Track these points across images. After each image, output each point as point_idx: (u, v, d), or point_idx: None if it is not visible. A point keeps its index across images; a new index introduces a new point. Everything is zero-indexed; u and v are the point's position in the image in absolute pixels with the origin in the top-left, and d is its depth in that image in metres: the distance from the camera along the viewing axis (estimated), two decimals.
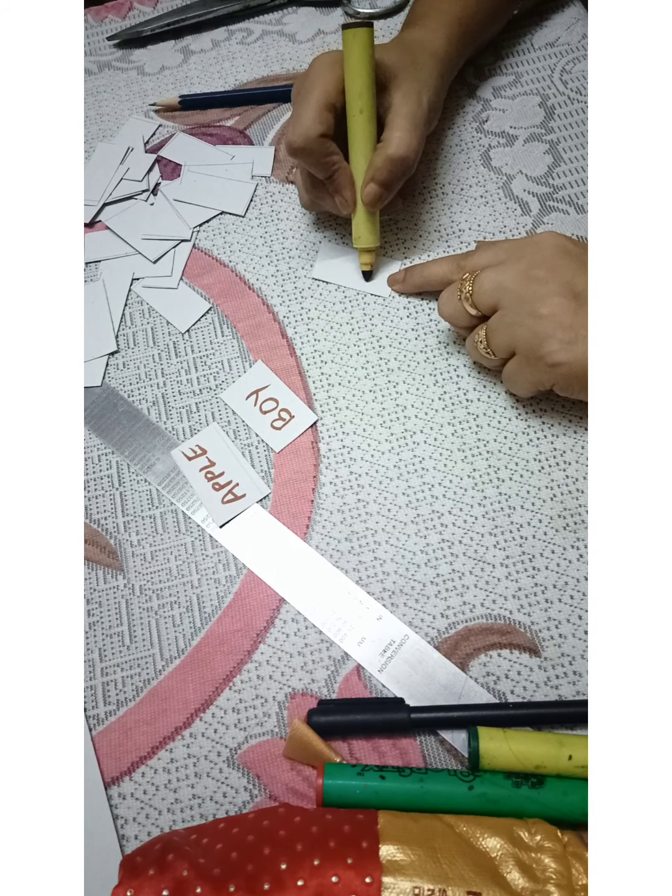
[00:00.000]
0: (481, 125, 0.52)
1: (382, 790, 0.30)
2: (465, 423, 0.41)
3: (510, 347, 0.37)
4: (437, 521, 0.38)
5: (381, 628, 0.36)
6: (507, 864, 0.27)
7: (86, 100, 0.57)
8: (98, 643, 0.37)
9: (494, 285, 0.37)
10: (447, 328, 0.44)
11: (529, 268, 0.36)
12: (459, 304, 0.39)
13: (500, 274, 0.37)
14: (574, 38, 0.55)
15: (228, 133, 0.54)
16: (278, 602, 0.37)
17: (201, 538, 0.39)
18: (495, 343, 0.38)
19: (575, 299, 0.35)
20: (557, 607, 0.36)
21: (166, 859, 0.28)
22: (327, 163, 0.41)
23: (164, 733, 0.34)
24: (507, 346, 0.37)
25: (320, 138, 0.40)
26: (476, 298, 0.38)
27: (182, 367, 0.44)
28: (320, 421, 0.42)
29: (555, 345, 0.35)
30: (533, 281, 0.36)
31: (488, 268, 0.38)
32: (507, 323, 0.37)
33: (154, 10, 0.61)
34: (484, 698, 0.34)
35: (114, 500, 0.40)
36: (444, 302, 0.40)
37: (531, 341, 0.36)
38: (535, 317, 0.35)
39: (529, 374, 0.37)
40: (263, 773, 0.33)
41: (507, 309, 0.37)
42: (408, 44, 0.45)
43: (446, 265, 0.42)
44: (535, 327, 0.35)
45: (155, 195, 0.51)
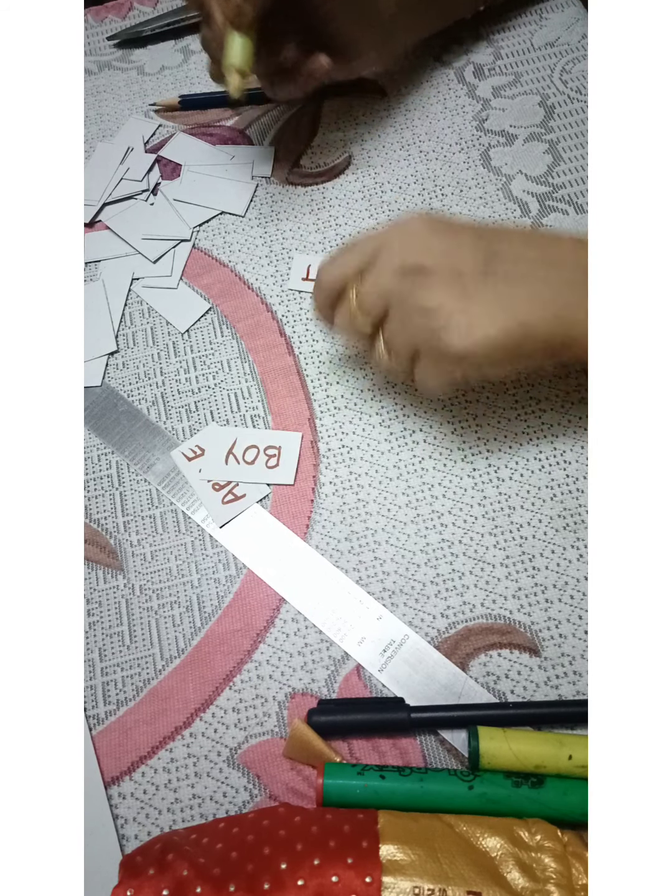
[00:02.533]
0: (481, 124, 0.52)
1: (382, 790, 0.30)
2: (465, 423, 0.41)
3: (412, 350, 0.35)
4: (436, 521, 0.38)
5: (381, 628, 0.36)
6: (507, 864, 0.27)
7: (86, 100, 0.57)
8: (98, 643, 0.37)
9: (376, 290, 0.34)
10: None
11: (404, 259, 0.34)
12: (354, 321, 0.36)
13: (377, 276, 0.34)
14: (574, 37, 0.55)
15: (228, 133, 0.54)
16: (278, 602, 0.37)
17: (201, 538, 0.39)
18: (396, 349, 0.35)
19: (459, 279, 0.33)
20: (557, 607, 0.36)
21: (166, 859, 0.28)
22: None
23: (164, 733, 0.34)
24: (407, 349, 0.35)
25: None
26: (365, 308, 0.35)
27: (181, 366, 0.44)
28: (319, 421, 0.42)
29: (453, 335, 0.32)
30: (409, 273, 0.33)
31: (365, 272, 0.35)
32: (399, 325, 0.35)
33: (154, 10, 0.61)
34: (484, 698, 0.34)
35: (114, 499, 0.40)
36: (339, 324, 0.37)
37: (428, 338, 0.33)
38: (424, 312, 0.33)
39: (439, 372, 0.35)
40: (263, 772, 0.33)
41: (395, 310, 0.34)
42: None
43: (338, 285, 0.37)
44: (427, 323, 0.33)
45: (155, 195, 0.51)
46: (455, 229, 0.35)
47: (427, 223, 0.35)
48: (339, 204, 0.50)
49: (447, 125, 0.52)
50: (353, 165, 0.51)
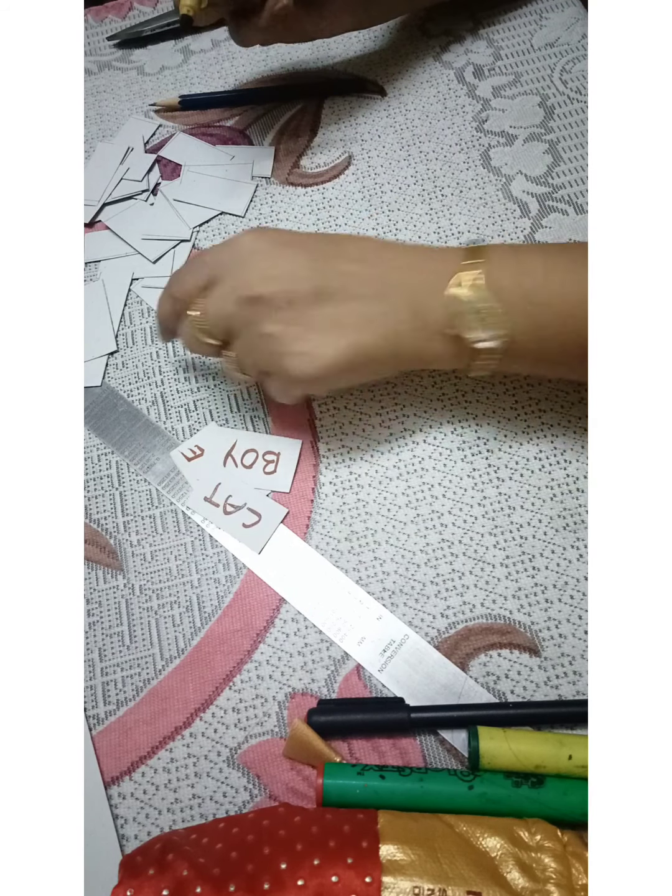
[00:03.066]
0: (481, 125, 0.52)
1: (382, 790, 0.30)
2: (465, 423, 0.41)
3: (259, 370, 0.36)
4: (436, 521, 0.38)
5: (381, 628, 0.36)
6: (507, 864, 0.27)
7: (86, 100, 0.57)
8: (98, 643, 0.37)
9: (219, 315, 0.35)
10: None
11: (245, 287, 0.34)
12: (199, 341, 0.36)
13: (219, 301, 0.34)
14: (574, 38, 0.55)
15: (228, 133, 0.54)
16: (278, 602, 0.37)
17: (201, 538, 0.39)
18: (248, 369, 0.36)
19: (294, 306, 0.33)
20: (557, 607, 0.36)
21: (166, 859, 0.28)
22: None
23: (164, 733, 0.34)
24: (257, 370, 0.36)
25: None
26: (210, 330, 0.35)
27: (181, 366, 0.44)
28: (319, 421, 0.42)
29: (294, 360, 0.33)
30: (250, 301, 0.33)
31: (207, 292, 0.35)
32: (246, 350, 0.35)
33: (154, 10, 0.61)
34: (484, 698, 0.34)
35: (114, 500, 0.40)
36: (187, 341, 0.38)
37: (273, 364, 0.34)
38: (266, 339, 0.33)
39: (288, 390, 0.36)
40: (263, 772, 0.33)
41: (238, 333, 0.35)
42: None
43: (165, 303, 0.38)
44: (269, 348, 0.34)
45: (155, 195, 0.51)
46: (292, 248, 0.35)
47: (265, 243, 0.34)
48: (339, 204, 0.50)
49: (447, 125, 0.52)
50: (353, 165, 0.51)
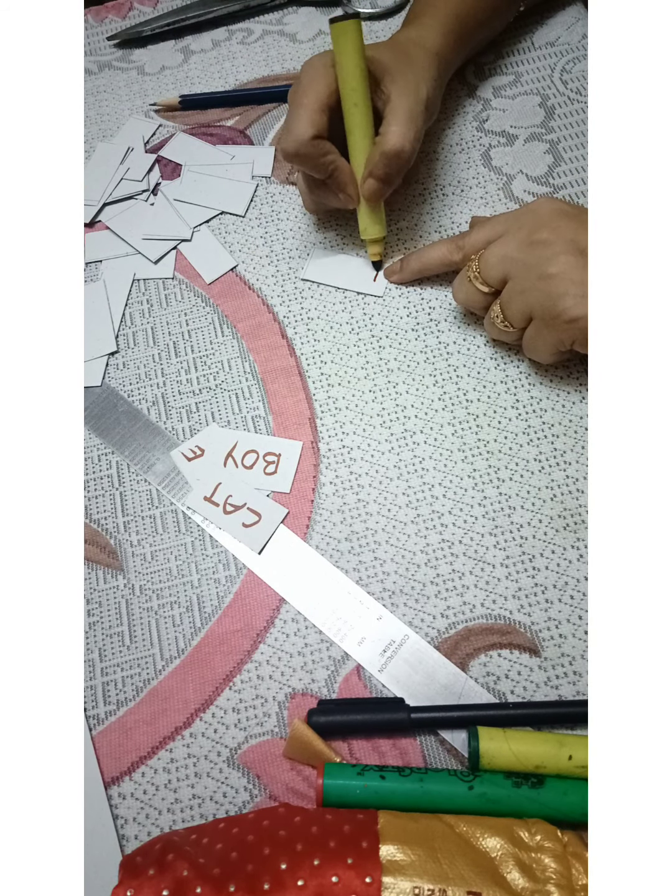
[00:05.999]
0: (481, 125, 0.52)
1: (382, 790, 0.30)
2: (465, 423, 0.41)
3: (526, 314, 0.38)
4: (437, 522, 0.38)
5: (381, 628, 0.36)
6: (507, 864, 0.27)
7: (86, 100, 0.57)
8: (98, 643, 0.37)
9: (500, 258, 0.38)
10: (447, 328, 0.44)
11: (531, 233, 0.37)
12: (471, 286, 0.40)
13: (503, 246, 0.38)
14: (574, 37, 0.55)
15: (228, 133, 0.54)
16: (278, 602, 0.37)
17: (201, 538, 0.39)
18: (511, 314, 0.38)
19: (581, 255, 0.36)
20: (557, 607, 0.36)
21: (166, 859, 0.28)
22: (324, 163, 0.41)
23: (164, 733, 0.34)
24: (522, 314, 0.38)
25: (313, 140, 0.40)
26: (485, 275, 0.39)
27: (182, 366, 0.44)
28: (320, 421, 0.42)
29: (569, 301, 0.35)
30: (537, 245, 0.37)
31: (491, 243, 0.39)
32: (518, 291, 0.37)
33: (154, 10, 0.61)
34: (484, 698, 0.34)
35: (114, 500, 0.40)
36: (457, 288, 0.41)
37: (545, 303, 0.36)
38: (546, 278, 0.36)
39: (549, 335, 0.37)
40: (263, 773, 0.33)
41: (517, 278, 0.37)
42: (402, 42, 0.45)
43: (443, 247, 0.43)
44: (547, 288, 0.36)
45: (155, 195, 0.51)
46: (580, 214, 0.38)
47: (556, 206, 0.38)
48: None
49: (447, 125, 0.52)
50: None
